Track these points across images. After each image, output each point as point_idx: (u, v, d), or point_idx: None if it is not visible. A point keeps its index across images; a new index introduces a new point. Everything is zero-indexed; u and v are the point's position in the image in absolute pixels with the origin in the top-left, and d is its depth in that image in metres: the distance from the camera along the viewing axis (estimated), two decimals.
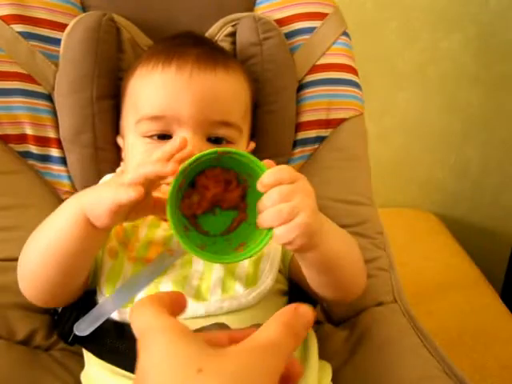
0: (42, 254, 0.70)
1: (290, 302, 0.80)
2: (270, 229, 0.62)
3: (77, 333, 0.69)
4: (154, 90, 0.81)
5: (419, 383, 0.76)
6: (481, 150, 1.78)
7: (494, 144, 1.77)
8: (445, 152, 1.78)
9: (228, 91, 0.83)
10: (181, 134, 0.77)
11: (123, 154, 0.90)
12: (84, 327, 0.69)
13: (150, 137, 0.80)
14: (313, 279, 0.75)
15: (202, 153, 0.61)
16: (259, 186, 0.62)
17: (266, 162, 0.63)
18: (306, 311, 0.48)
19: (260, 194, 0.63)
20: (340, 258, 0.73)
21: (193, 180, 0.64)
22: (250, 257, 0.63)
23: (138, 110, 0.82)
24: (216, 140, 0.81)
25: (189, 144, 0.69)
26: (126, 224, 0.80)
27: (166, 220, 0.62)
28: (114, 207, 0.62)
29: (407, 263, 0.99)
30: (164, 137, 0.80)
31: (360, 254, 0.80)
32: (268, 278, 0.76)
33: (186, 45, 0.85)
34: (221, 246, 0.65)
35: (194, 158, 0.61)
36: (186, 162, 0.61)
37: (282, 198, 0.61)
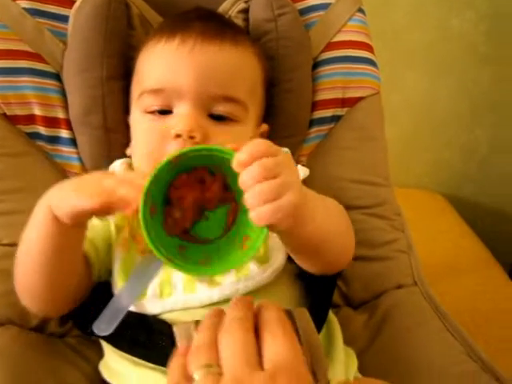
0: (25, 261, 0.68)
1: (306, 286, 0.77)
2: None
3: (98, 333, 0.64)
4: (155, 63, 0.80)
5: (447, 369, 0.75)
6: (489, 130, 1.76)
7: (503, 124, 1.75)
8: (453, 132, 1.77)
9: (233, 65, 0.79)
10: (180, 108, 0.75)
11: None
12: (104, 327, 0.64)
13: (152, 112, 0.77)
14: (298, 260, 0.71)
15: (155, 168, 0.55)
16: (236, 166, 0.54)
17: (230, 145, 0.56)
18: None
19: None
20: (327, 241, 0.67)
21: (166, 198, 0.60)
22: (253, 255, 0.56)
23: (140, 84, 0.80)
24: (218, 118, 0.77)
25: (188, 118, 0.73)
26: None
27: None
28: (76, 212, 0.60)
29: (415, 244, 0.99)
30: (166, 112, 0.77)
31: (348, 223, 0.76)
32: (279, 254, 0.73)
33: (193, 19, 0.81)
34: (226, 249, 0.60)
35: (149, 179, 0.55)
36: (145, 184, 0.55)
37: (265, 171, 0.54)
